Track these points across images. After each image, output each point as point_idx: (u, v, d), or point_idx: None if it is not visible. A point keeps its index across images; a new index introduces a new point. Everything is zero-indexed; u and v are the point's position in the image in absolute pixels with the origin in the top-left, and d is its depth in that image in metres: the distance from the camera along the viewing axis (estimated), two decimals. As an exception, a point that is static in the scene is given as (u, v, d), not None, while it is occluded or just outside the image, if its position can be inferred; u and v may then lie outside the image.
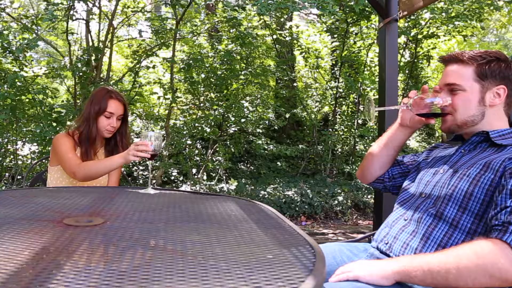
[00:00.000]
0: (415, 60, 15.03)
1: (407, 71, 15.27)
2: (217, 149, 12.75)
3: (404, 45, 14.52)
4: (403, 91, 15.44)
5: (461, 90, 2.62)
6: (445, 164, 2.72)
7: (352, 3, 11.46)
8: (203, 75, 12.50)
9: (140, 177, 12.37)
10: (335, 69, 15.02)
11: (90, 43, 12.37)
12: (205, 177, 12.70)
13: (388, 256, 2.61)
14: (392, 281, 2.21)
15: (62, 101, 12.83)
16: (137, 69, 12.11)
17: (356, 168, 13.33)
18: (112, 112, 4.19)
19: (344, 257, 2.85)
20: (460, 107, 2.63)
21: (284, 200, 10.94)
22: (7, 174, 10.95)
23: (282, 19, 14.89)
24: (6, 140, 11.16)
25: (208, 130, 12.17)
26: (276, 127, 15.08)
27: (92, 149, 4.24)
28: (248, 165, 14.61)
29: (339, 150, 14.87)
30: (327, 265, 2.76)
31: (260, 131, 14.87)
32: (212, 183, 12.23)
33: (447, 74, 2.72)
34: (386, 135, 3.13)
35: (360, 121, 14.54)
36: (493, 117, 2.62)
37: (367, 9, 11.60)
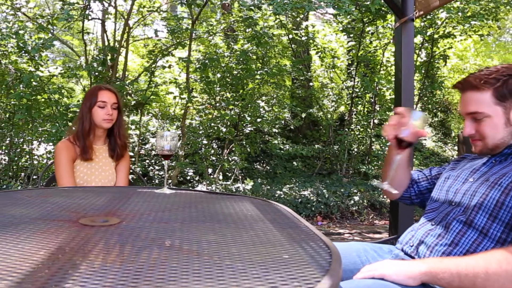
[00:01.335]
0: (431, 60, 14.96)
1: (423, 71, 15.20)
2: (233, 149, 12.76)
3: (420, 45, 14.46)
4: (419, 91, 15.38)
5: (486, 117, 2.58)
6: (475, 173, 2.69)
7: (368, 2, 11.43)
8: (219, 75, 12.50)
9: (156, 177, 12.38)
10: (351, 68, 14.98)
11: (106, 43, 12.38)
12: (221, 177, 12.70)
13: (413, 258, 2.59)
14: (418, 282, 2.20)
15: (78, 100, 12.85)
16: (153, 69, 12.13)
17: (372, 168, 13.33)
18: (104, 101, 4.25)
19: (369, 256, 2.86)
20: (488, 134, 2.60)
21: (300, 200, 10.93)
22: (22, 174, 10.98)
23: (298, 19, 14.88)
24: (22, 140, 11.21)
25: (224, 130, 12.18)
26: (292, 127, 15.09)
27: (88, 145, 4.27)
28: (264, 165, 14.61)
29: (355, 150, 14.83)
30: (351, 263, 2.80)
31: (276, 131, 14.87)
32: (228, 183, 12.23)
33: (466, 103, 2.68)
34: (388, 158, 3.11)
35: (376, 121, 14.50)
36: None
37: (383, 8, 11.58)
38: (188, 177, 12.70)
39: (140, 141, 12.96)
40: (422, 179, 3.17)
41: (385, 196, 11.87)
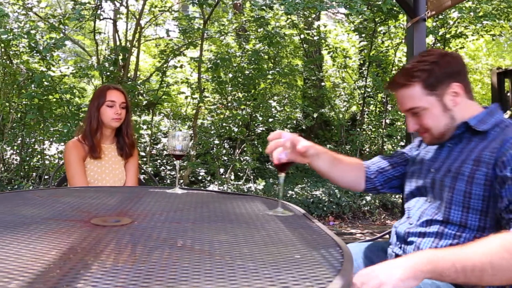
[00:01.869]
0: (443, 60, 14.92)
1: (435, 71, 15.16)
2: (245, 148, 12.75)
3: (432, 45, 14.41)
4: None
5: (423, 110, 2.62)
6: (435, 163, 2.71)
7: (379, 2, 11.39)
8: (230, 75, 12.49)
9: (167, 177, 12.39)
10: (363, 68, 14.94)
11: (118, 43, 12.42)
12: (232, 177, 12.70)
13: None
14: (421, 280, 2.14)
15: (89, 100, 12.85)
16: (164, 69, 12.13)
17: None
18: (113, 100, 4.28)
19: (359, 261, 2.86)
20: (431, 125, 2.64)
21: (311, 200, 10.90)
22: (34, 173, 11.00)
23: (309, 19, 14.86)
24: (33, 139, 11.23)
25: (236, 129, 12.16)
26: (303, 127, 15.05)
27: (96, 143, 4.28)
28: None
29: (367, 149, 14.81)
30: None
31: (288, 130, 14.82)
32: (240, 183, 12.22)
33: (401, 101, 2.73)
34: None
35: (388, 121, 14.48)
36: (465, 111, 2.61)
37: (395, 8, 11.55)
38: (200, 177, 12.71)
39: (151, 141, 12.97)
40: (387, 167, 3.13)
41: (397, 196, 11.84)
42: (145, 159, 11.93)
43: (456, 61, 2.64)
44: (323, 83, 15.59)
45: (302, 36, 14.23)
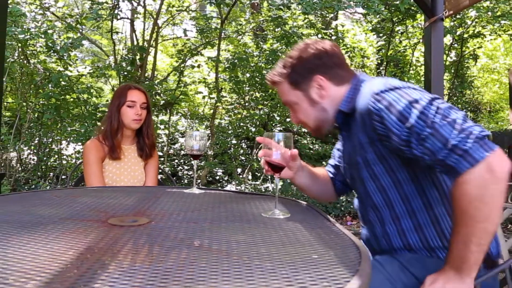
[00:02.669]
0: (461, 59, 14.89)
1: (453, 71, 15.14)
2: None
3: (450, 44, 14.40)
4: (449, 91, 15.32)
5: (294, 105, 2.69)
6: (344, 156, 2.78)
7: (397, 2, 11.38)
8: (248, 75, 12.51)
9: (185, 176, 12.41)
10: (381, 68, 14.92)
11: (135, 42, 12.45)
12: (250, 177, 12.70)
13: (384, 250, 2.56)
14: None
15: (107, 100, 12.92)
16: (182, 69, 12.16)
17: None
18: (134, 100, 4.25)
19: None
20: (303, 119, 2.72)
21: (329, 200, 10.88)
22: (51, 173, 11.05)
23: (327, 18, 14.85)
24: (50, 139, 11.29)
25: (253, 129, 12.18)
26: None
27: (117, 144, 4.27)
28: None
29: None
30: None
31: (305, 130, 14.83)
32: (257, 182, 12.22)
33: (280, 96, 2.83)
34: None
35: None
36: (336, 99, 2.61)
37: (412, 8, 11.54)
38: (217, 177, 12.72)
39: (169, 141, 13.01)
40: (337, 170, 3.17)
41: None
42: (162, 159, 11.96)
43: (318, 53, 2.63)
44: (341, 83, 15.57)
45: (319, 36, 14.20)
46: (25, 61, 10.66)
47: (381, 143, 2.32)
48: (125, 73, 10.86)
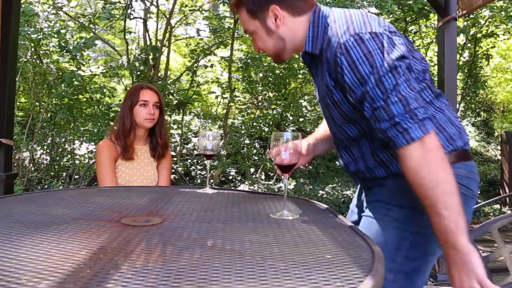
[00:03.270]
0: (474, 59, 14.85)
1: (466, 70, 15.11)
2: (275, 148, 12.76)
3: (463, 44, 14.36)
4: (462, 90, 15.29)
5: (253, 33, 2.71)
6: (318, 93, 2.79)
7: (410, 1, 11.37)
8: (261, 74, 12.52)
9: (198, 176, 12.43)
10: (394, 67, 14.92)
11: (148, 42, 12.48)
12: (263, 177, 12.71)
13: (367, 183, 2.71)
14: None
15: (120, 100, 12.95)
16: (195, 68, 12.19)
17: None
18: (146, 100, 4.26)
19: None
20: (262, 46, 2.74)
21: (342, 199, 10.88)
22: (64, 173, 11.09)
23: (340, 18, 14.84)
24: (63, 139, 11.33)
25: (266, 129, 12.18)
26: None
27: (129, 144, 4.28)
28: (306, 165, 14.58)
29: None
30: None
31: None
32: (270, 182, 12.23)
33: (241, 25, 2.89)
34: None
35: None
36: (294, 30, 2.62)
37: (425, 7, 11.51)
38: (230, 177, 12.74)
39: (182, 140, 13.03)
40: None
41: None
42: (175, 159, 11.99)
43: None
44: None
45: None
46: (38, 61, 10.70)
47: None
48: (138, 73, 10.89)
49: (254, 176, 12.45)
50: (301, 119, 12.89)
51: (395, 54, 2.21)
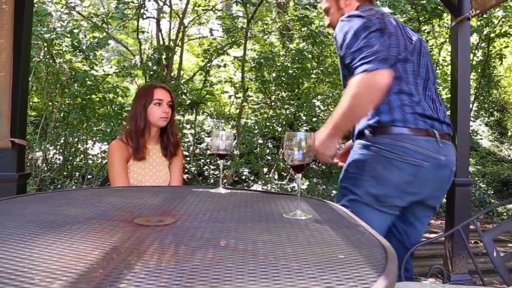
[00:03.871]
0: (488, 59, 14.81)
1: (479, 70, 15.07)
2: (288, 148, 12.76)
3: (477, 44, 14.32)
4: (475, 90, 15.25)
5: (328, 10, 3.71)
6: None
7: (423, 1, 11.33)
8: (274, 74, 12.52)
9: (211, 176, 12.43)
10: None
11: (161, 42, 12.49)
12: (276, 177, 12.71)
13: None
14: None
15: (133, 100, 12.92)
16: (208, 68, 12.21)
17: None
18: (160, 98, 4.28)
19: None
20: (331, 19, 3.71)
21: (355, 199, 10.85)
22: (77, 173, 11.11)
23: (353, 17, 14.82)
24: (76, 139, 11.35)
25: (279, 129, 12.18)
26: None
27: (143, 144, 4.27)
28: (319, 164, 14.58)
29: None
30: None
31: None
32: (284, 182, 12.22)
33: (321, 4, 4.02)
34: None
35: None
36: (350, 12, 3.40)
37: (439, 7, 11.47)
38: (243, 177, 12.74)
39: (195, 140, 13.04)
40: None
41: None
42: (188, 158, 11.99)
43: None
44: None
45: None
46: (51, 61, 10.72)
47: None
48: (151, 72, 10.90)
49: (267, 176, 12.45)
50: (314, 119, 12.88)
51: (363, 25, 3.15)
